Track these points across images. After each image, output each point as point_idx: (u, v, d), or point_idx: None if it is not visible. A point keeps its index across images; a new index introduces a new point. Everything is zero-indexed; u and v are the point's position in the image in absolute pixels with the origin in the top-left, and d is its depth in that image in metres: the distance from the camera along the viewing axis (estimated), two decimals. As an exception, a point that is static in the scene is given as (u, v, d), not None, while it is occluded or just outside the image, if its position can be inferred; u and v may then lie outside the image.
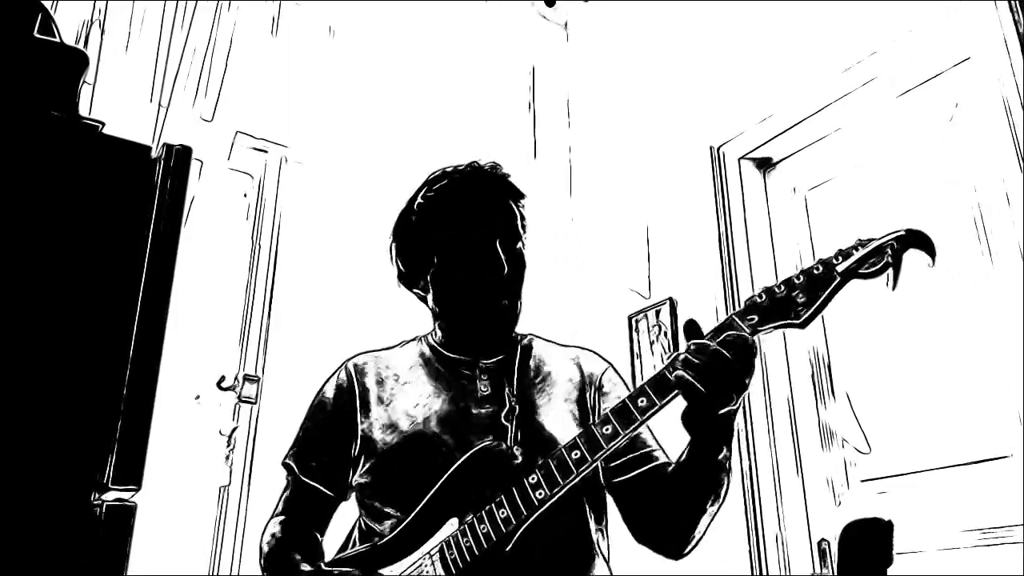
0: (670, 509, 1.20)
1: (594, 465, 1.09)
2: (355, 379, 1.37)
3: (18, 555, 1.12)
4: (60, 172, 1.31)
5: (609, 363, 1.42)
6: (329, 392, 1.38)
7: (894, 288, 1.03)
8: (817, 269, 1.06)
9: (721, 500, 1.17)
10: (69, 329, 1.25)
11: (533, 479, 1.10)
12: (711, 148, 2.67)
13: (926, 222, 1.02)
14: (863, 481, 2.19)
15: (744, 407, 2.37)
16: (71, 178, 1.32)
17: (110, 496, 1.20)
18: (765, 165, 2.65)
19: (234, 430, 2.41)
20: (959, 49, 2.11)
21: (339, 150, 2.80)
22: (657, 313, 2.67)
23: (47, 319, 1.23)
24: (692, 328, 1.09)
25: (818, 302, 1.05)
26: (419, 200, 1.37)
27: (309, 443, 1.36)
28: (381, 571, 1.16)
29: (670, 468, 1.22)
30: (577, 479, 1.09)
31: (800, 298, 1.05)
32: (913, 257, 1.04)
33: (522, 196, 1.39)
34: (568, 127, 3.32)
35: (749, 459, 2.32)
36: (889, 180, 2.25)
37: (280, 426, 2.43)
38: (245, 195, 2.67)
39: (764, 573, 2.20)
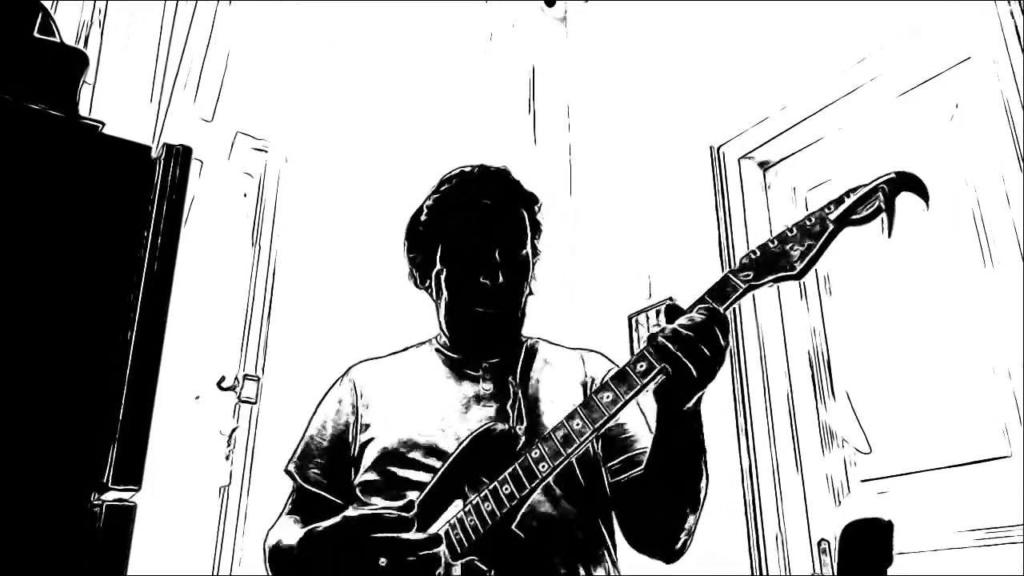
0: (647, 513, 1.19)
1: (595, 434, 1.06)
2: (355, 385, 1.39)
3: (18, 555, 1.12)
4: (60, 172, 1.31)
5: (615, 364, 1.40)
6: (329, 400, 1.41)
7: (889, 235, 1.01)
8: (810, 220, 1.06)
9: (699, 506, 1.15)
10: (69, 329, 1.24)
11: (536, 453, 1.08)
12: (711, 148, 2.67)
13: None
14: (863, 481, 2.19)
15: (744, 407, 2.37)
16: (71, 178, 1.32)
17: (110, 496, 1.19)
18: (765, 165, 2.65)
19: (234, 430, 2.41)
20: (959, 49, 2.11)
21: (339, 150, 2.80)
22: (657, 313, 2.67)
23: (47, 319, 1.23)
24: (672, 311, 1.11)
25: (813, 252, 1.04)
26: (427, 202, 1.39)
27: (309, 451, 1.37)
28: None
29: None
30: (580, 449, 1.07)
31: (795, 250, 1.05)
32: (905, 203, 0.99)
33: (534, 201, 1.39)
34: (568, 127, 3.32)
35: (749, 459, 2.32)
36: (889, 180, 2.24)
37: (280, 426, 2.45)
38: (245, 195, 2.67)
39: (764, 573, 2.20)
